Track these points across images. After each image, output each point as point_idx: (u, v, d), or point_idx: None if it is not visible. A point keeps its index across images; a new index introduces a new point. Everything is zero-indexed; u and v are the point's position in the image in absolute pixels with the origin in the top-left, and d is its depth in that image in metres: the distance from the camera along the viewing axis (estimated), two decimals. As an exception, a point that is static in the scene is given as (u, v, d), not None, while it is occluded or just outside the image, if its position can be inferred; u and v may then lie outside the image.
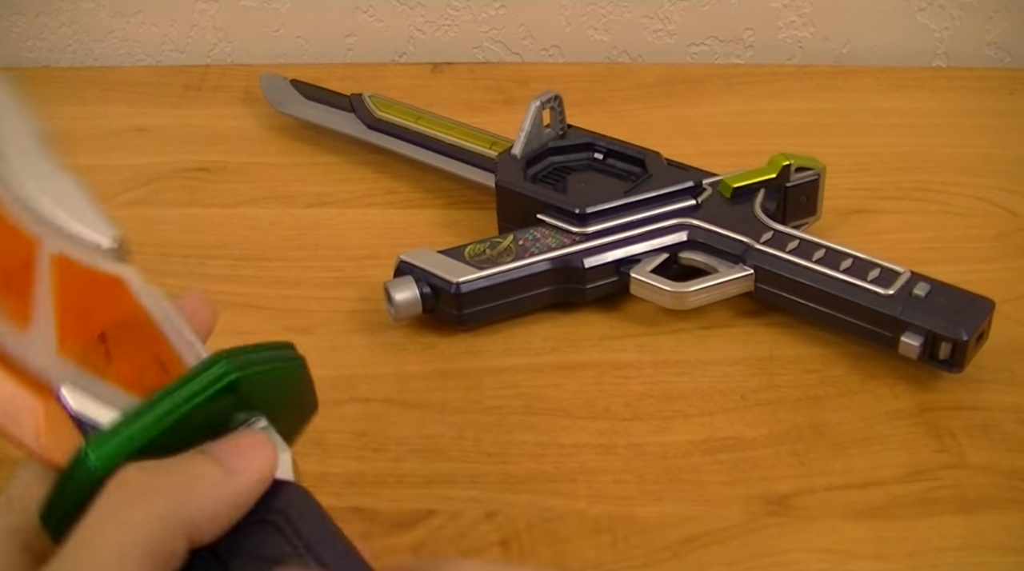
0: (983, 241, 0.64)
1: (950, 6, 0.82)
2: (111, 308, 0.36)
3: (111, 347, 0.35)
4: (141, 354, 0.35)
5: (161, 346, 0.35)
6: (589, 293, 0.59)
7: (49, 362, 0.34)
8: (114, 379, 0.35)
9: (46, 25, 0.87)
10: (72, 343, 0.35)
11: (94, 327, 0.35)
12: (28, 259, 0.35)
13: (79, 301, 0.35)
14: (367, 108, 0.72)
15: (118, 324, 0.35)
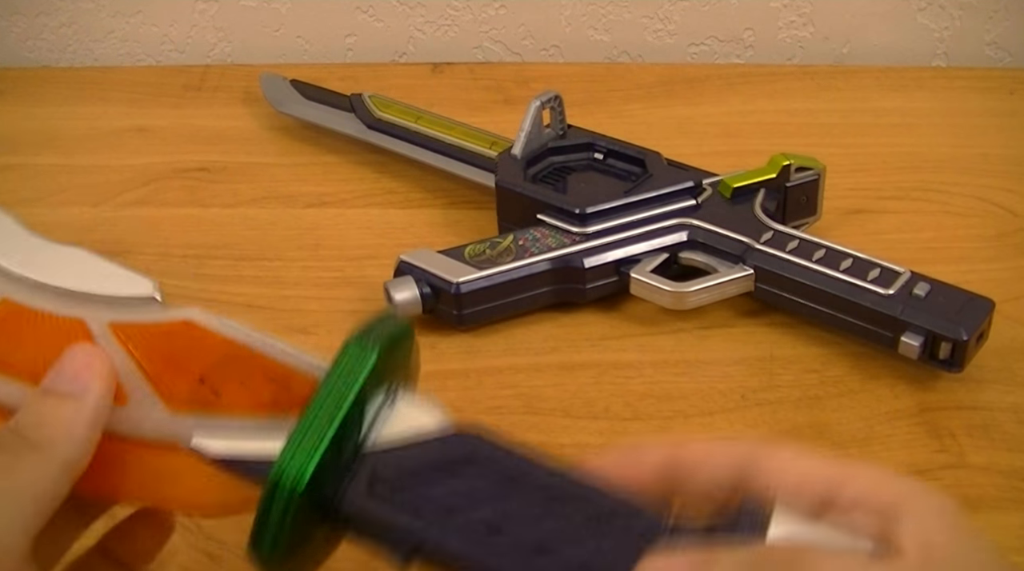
0: (983, 241, 0.64)
1: (950, 6, 0.82)
2: (195, 351, 0.35)
3: (216, 385, 0.35)
4: (249, 380, 0.35)
5: (264, 365, 0.35)
6: (589, 293, 0.59)
7: (165, 423, 0.34)
8: (235, 413, 0.35)
9: (46, 25, 0.87)
10: (177, 397, 0.34)
11: (190, 374, 0.35)
12: (82, 339, 0.35)
13: (160, 357, 0.35)
14: (367, 108, 0.72)
15: (211, 363, 0.35)
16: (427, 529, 0.33)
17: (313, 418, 0.32)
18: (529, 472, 0.34)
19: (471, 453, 0.34)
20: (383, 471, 0.33)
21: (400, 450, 0.34)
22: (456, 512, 0.33)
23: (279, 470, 0.32)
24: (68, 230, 0.67)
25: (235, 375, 0.35)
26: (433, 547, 0.33)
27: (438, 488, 0.33)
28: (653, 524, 0.32)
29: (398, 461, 0.34)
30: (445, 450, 0.34)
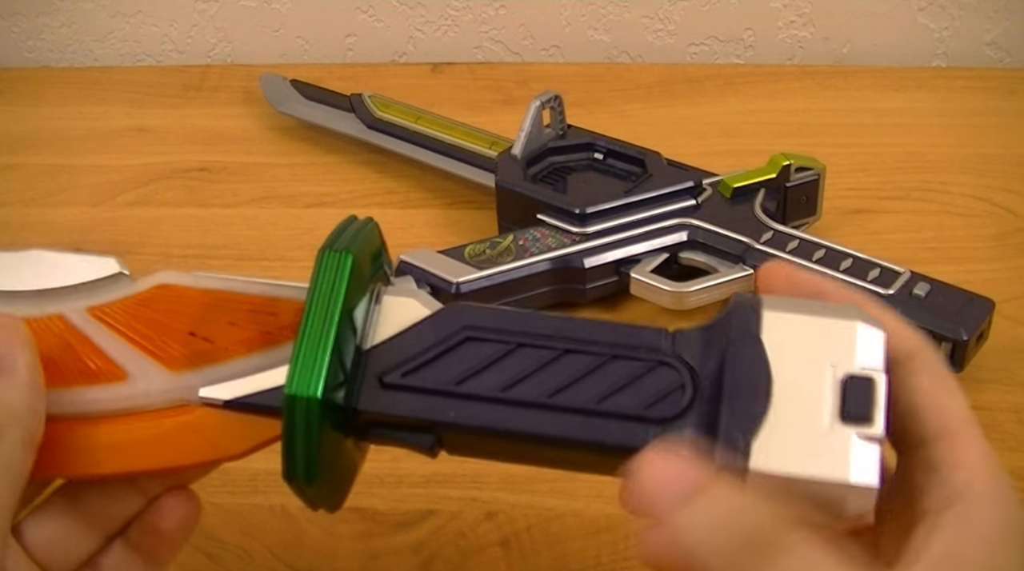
0: (983, 241, 0.64)
1: (950, 6, 0.82)
2: (177, 309, 0.36)
3: (206, 334, 0.35)
4: (237, 319, 0.35)
5: (246, 302, 0.36)
6: (589, 293, 0.59)
7: (170, 384, 0.35)
8: (233, 354, 0.35)
9: (46, 25, 0.87)
10: (174, 357, 0.35)
11: (179, 332, 0.35)
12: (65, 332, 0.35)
13: (146, 325, 0.35)
14: (367, 108, 0.72)
15: (195, 315, 0.36)
16: (446, 406, 0.33)
17: (309, 333, 0.32)
18: (528, 327, 0.34)
19: (466, 324, 0.34)
20: (388, 364, 0.34)
21: (398, 339, 0.34)
22: (468, 382, 0.33)
23: (291, 388, 0.32)
24: (68, 230, 0.67)
25: (222, 319, 0.35)
26: (457, 423, 0.33)
27: (445, 365, 0.33)
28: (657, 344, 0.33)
29: (399, 350, 0.34)
30: (441, 328, 0.34)
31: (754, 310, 0.32)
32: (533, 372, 0.33)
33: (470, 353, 0.33)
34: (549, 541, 0.47)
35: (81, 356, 0.35)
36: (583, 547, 0.47)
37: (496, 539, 0.47)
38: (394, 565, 0.47)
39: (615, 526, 0.48)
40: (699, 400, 0.32)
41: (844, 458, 0.30)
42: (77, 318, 0.36)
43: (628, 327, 0.33)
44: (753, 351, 0.31)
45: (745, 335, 0.31)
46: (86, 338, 0.35)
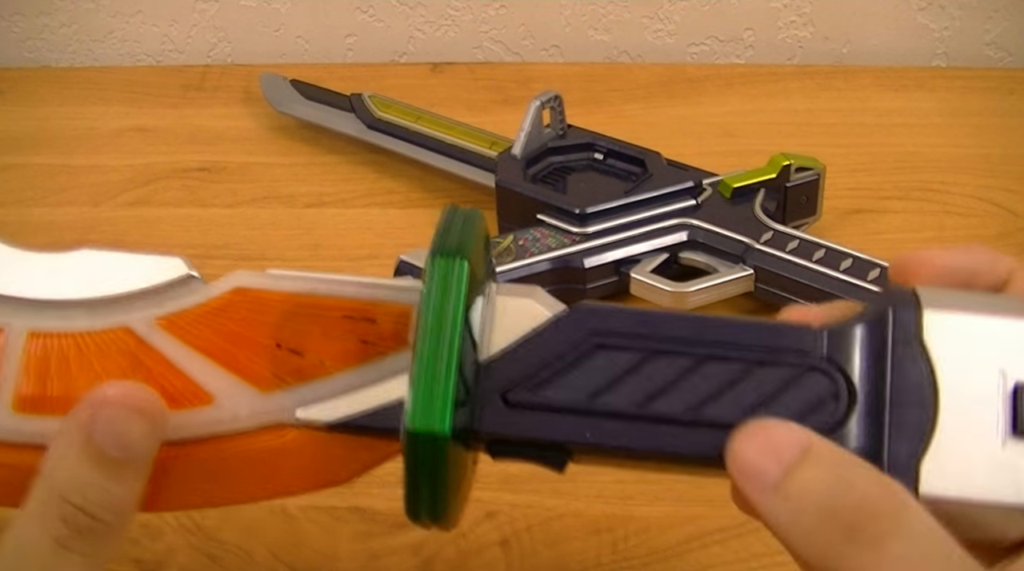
0: (983, 241, 0.64)
1: (950, 6, 0.82)
2: (258, 318, 0.32)
3: (295, 345, 0.31)
4: (329, 327, 0.31)
5: (338, 307, 0.32)
6: (589, 293, 0.59)
7: (261, 406, 0.31)
8: (329, 368, 0.31)
9: (46, 25, 0.87)
10: (262, 374, 0.31)
11: (264, 344, 0.31)
12: (136, 348, 0.31)
13: (225, 338, 0.31)
14: (367, 108, 0.72)
15: (280, 324, 0.32)
16: (580, 426, 0.30)
17: (426, 356, 0.29)
18: (661, 329, 0.30)
19: (594, 329, 0.30)
20: (511, 378, 0.30)
21: (520, 349, 0.30)
22: (602, 397, 0.30)
23: (414, 423, 0.28)
24: (68, 230, 0.67)
25: (311, 328, 0.31)
26: (593, 443, 0.30)
27: (575, 377, 0.30)
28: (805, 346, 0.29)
29: (522, 361, 0.30)
30: (566, 335, 0.30)
31: (914, 307, 0.29)
32: (671, 384, 0.30)
33: (601, 364, 0.30)
34: (549, 541, 0.47)
35: (158, 377, 0.31)
36: (583, 547, 0.47)
37: (496, 539, 0.47)
38: (394, 565, 0.46)
39: (615, 526, 0.48)
40: (856, 411, 0.29)
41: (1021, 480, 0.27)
42: (146, 331, 0.31)
43: (772, 326, 0.30)
44: (917, 357, 0.28)
45: (907, 338, 0.28)
46: (160, 355, 0.31)
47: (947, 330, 0.28)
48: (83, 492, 0.30)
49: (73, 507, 0.29)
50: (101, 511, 0.30)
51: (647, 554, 0.46)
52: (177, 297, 0.32)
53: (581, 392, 0.30)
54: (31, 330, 0.32)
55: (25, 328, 0.31)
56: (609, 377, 0.30)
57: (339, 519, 0.48)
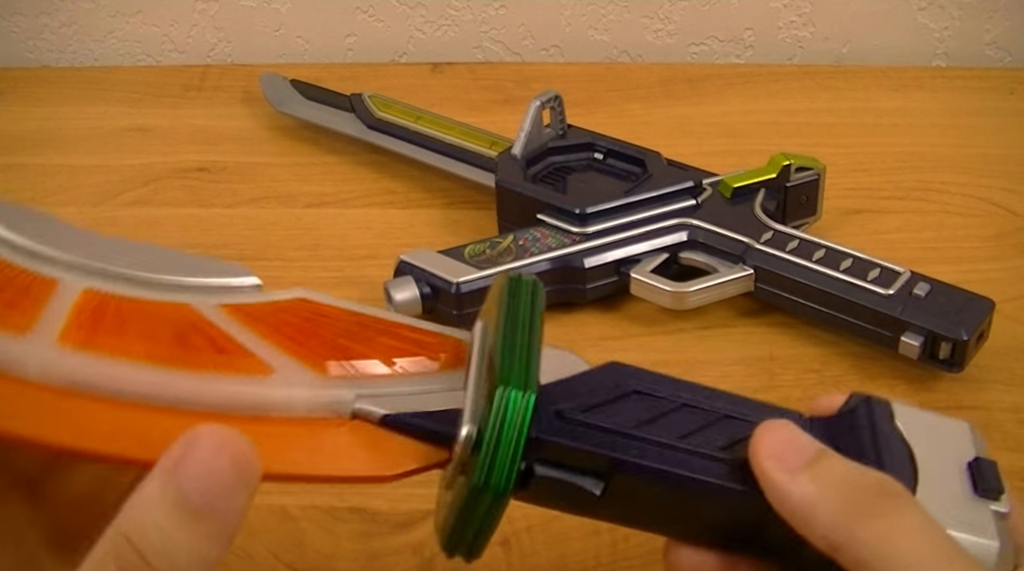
0: (983, 241, 0.64)
1: (950, 6, 0.82)
2: (322, 321, 0.32)
3: (361, 346, 0.32)
4: (396, 338, 0.33)
5: (398, 331, 0.33)
6: (589, 293, 0.59)
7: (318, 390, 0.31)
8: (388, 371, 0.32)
9: (46, 25, 0.87)
10: (322, 362, 0.31)
11: (328, 340, 0.32)
12: (196, 320, 0.31)
13: (288, 328, 0.31)
14: (367, 108, 0.72)
15: (347, 330, 0.32)
16: (627, 445, 0.32)
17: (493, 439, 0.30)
18: (686, 392, 0.35)
19: (632, 380, 0.34)
20: (563, 401, 0.32)
21: (568, 383, 0.33)
22: (644, 427, 0.33)
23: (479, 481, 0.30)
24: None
25: (375, 335, 0.32)
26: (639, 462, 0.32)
27: (619, 409, 0.33)
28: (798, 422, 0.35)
29: (570, 392, 0.33)
30: (607, 379, 0.34)
31: (885, 404, 0.35)
32: (700, 428, 0.34)
33: (640, 405, 0.34)
34: (549, 541, 0.47)
35: (217, 342, 0.30)
36: (583, 547, 0.47)
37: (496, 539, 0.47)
38: (394, 565, 0.46)
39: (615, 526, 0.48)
40: None
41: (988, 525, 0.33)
42: (208, 310, 0.31)
43: (768, 407, 0.36)
44: (896, 435, 0.34)
45: (887, 421, 0.35)
46: (220, 329, 0.30)
47: (911, 420, 0.35)
48: (146, 535, 0.27)
49: (132, 550, 0.26)
50: (159, 560, 0.26)
51: (647, 554, 0.46)
52: (242, 295, 0.32)
53: (626, 421, 0.33)
54: (87, 288, 0.30)
55: (81, 285, 0.30)
56: (649, 414, 0.33)
57: (339, 519, 0.48)
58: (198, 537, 0.27)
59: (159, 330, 0.30)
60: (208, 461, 0.27)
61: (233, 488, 0.27)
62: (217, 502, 0.27)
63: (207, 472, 0.27)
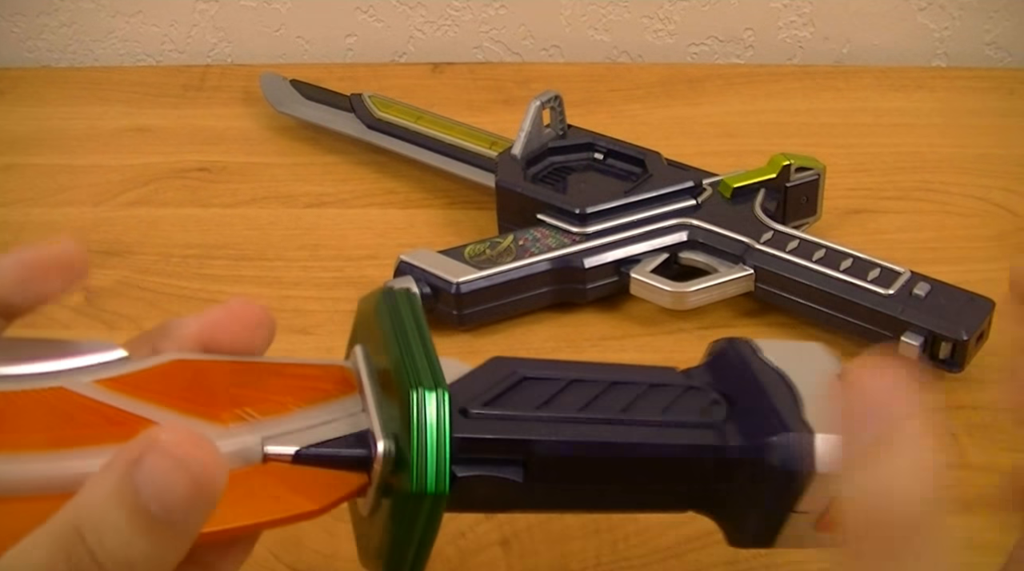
0: (983, 241, 0.64)
1: (950, 6, 0.82)
2: (205, 377, 0.32)
3: (250, 390, 0.32)
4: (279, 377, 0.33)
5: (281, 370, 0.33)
6: (589, 293, 0.59)
7: (224, 439, 0.30)
8: (287, 406, 0.32)
9: (46, 25, 0.87)
10: (219, 413, 0.31)
11: (217, 390, 0.31)
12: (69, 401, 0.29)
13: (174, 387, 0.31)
14: (367, 108, 0.72)
15: (230, 375, 0.32)
16: (535, 426, 0.33)
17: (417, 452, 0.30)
18: (569, 369, 0.36)
19: (519, 368, 0.35)
20: (463, 402, 0.33)
21: (461, 384, 0.34)
22: (544, 407, 0.34)
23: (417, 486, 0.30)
24: (68, 230, 0.67)
25: (262, 377, 0.32)
26: (550, 439, 0.33)
27: (515, 397, 0.34)
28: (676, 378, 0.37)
29: (465, 391, 0.34)
30: (493, 374, 0.35)
31: (747, 341, 0.38)
32: (594, 398, 0.35)
33: (532, 389, 0.35)
34: (549, 541, 0.47)
35: (106, 415, 0.29)
36: (583, 547, 0.47)
37: (496, 539, 0.47)
38: (394, 565, 0.46)
39: (615, 526, 0.48)
40: (735, 411, 0.36)
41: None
42: (86, 389, 0.29)
43: (645, 368, 0.37)
44: (768, 365, 0.36)
45: (754, 355, 0.37)
46: (105, 403, 0.29)
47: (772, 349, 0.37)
48: (101, 534, 0.26)
49: (85, 547, 0.26)
50: (113, 565, 0.26)
51: (647, 554, 0.46)
52: (112, 369, 0.31)
53: (527, 406, 0.34)
54: None
55: None
56: (545, 395, 0.35)
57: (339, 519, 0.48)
58: (157, 545, 0.26)
59: (41, 417, 0.29)
60: (167, 474, 0.26)
61: (193, 506, 0.26)
62: (175, 515, 0.26)
63: (166, 486, 0.26)
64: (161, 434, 0.26)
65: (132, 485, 0.26)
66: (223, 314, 0.34)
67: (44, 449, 0.28)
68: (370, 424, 0.32)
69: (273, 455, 0.30)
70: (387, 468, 0.31)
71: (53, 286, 0.33)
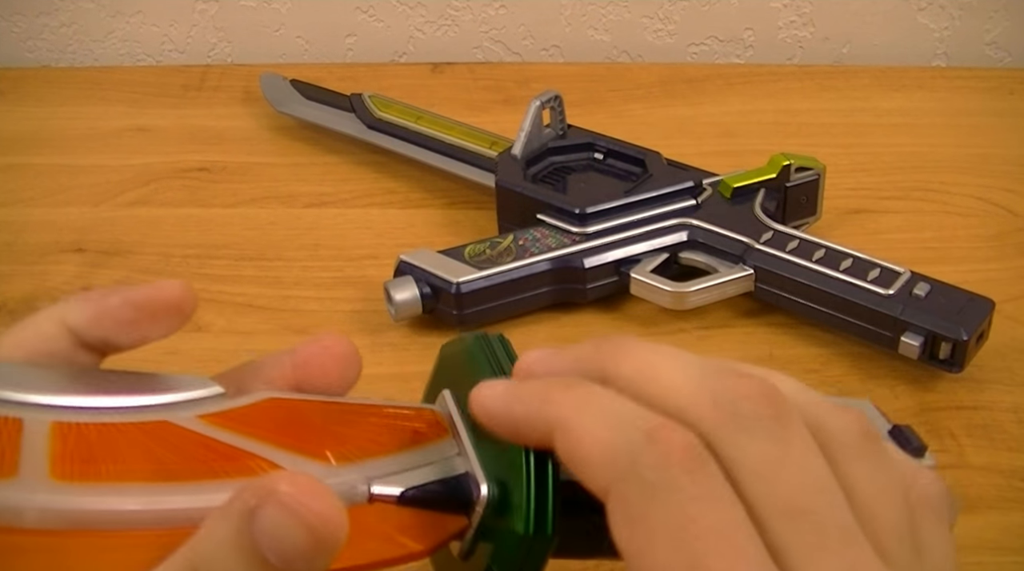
0: (983, 241, 0.64)
1: (950, 6, 0.82)
2: (303, 413, 0.32)
3: (350, 428, 0.32)
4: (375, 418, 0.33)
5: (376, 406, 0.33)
6: (589, 293, 0.59)
7: (333, 478, 0.30)
8: (387, 448, 0.32)
9: (46, 25, 0.87)
10: (322, 452, 0.30)
11: (317, 428, 0.31)
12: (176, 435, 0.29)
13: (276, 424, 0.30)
14: (367, 108, 0.72)
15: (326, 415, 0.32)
16: None
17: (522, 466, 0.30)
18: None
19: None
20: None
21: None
22: None
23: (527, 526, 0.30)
24: (68, 230, 0.67)
25: (359, 417, 0.32)
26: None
27: None
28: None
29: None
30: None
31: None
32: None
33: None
34: (549, 541, 0.47)
35: (216, 449, 0.29)
36: (583, 547, 0.47)
37: (496, 539, 0.47)
38: (394, 565, 0.46)
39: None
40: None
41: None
42: (191, 424, 0.29)
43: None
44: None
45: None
46: (212, 438, 0.29)
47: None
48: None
49: None
50: None
51: (647, 554, 0.46)
52: (212, 404, 0.30)
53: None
54: (55, 421, 0.28)
55: (48, 420, 0.28)
56: None
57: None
58: None
59: (152, 449, 0.28)
60: (287, 527, 0.25)
61: (313, 558, 0.26)
62: (295, 566, 0.26)
63: (286, 539, 0.25)
64: (280, 484, 0.26)
65: (250, 534, 0.25)
66: (314, 350, 0.33)
67: (152, 481, 0.28)
68: (469, 467, 0.32)
69: (379, 496, 0.30)
70: (488, 511, 0.31)
71: (161, 329, 0.33)
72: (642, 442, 0.28)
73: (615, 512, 0.28)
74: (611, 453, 0.28)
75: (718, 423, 0.28)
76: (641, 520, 0.27)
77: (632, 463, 0.27)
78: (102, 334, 0.32)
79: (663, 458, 0.27)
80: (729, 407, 0.28)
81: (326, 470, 0.30)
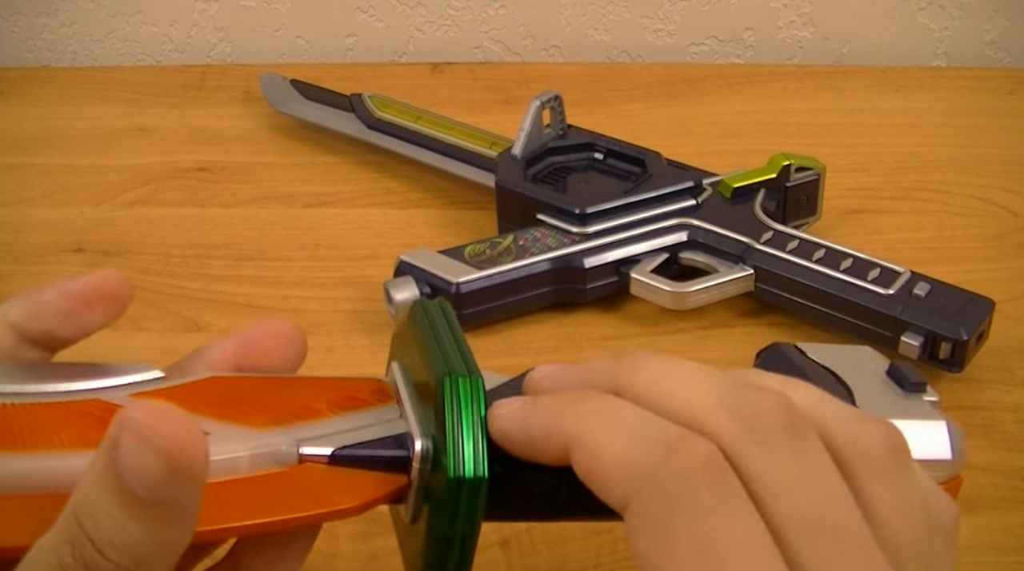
0: (983, 241, 0.64)
1: (950, 6, 0.82)
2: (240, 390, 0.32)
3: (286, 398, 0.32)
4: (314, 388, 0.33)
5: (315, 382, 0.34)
6: (589, 293, 0.59)
7: (257, 441, 0.30)
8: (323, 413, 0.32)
9: (46, 25, 0.87)
10: (254, 418, 0.31)
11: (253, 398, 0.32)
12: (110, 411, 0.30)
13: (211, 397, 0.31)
14: (367, 108, 0.72)
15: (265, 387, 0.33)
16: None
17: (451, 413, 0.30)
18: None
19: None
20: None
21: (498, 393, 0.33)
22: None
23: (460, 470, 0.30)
24: (68, 230, 0.67)
25: (298, 388, 0.33)
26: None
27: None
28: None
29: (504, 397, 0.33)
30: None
31: (793, 345, 0.39)
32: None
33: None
34: (549, 541, 0.47)
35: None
36: (583, 547, 0.47)
37: (496, 539, 0.47)
38: (394, 565, 0.46)
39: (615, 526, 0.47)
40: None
41: (929, 410, 0.36)
42: (122, 400, 0.30)
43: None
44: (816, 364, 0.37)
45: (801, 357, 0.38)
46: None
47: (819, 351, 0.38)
48: (97, 521, 0.26)
49: (84, 535, 0.26)
50: (112, 550, 0.26)
51: (647, 554, 0.46)
52: (151, 386, 0.31)
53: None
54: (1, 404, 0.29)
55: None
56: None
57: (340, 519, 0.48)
58: (153, 526, 0.26)
59: (78, 423, 0.29)
60: (139, 455, 0.25)
61: (172, 481, 0.26)
62: (162, 494, 0.26)
63: (140, 467, 0.25)
64: (130, 411, 0.26)
65: (114, 469, 0.26)
66: (255, 333, 0.34)
67: (73, 449, 0.29)
68: (408, 427, 0.32)
69: (308, 456, 0.30)
70: (426, 467, 0.31)
71: (98, 317, 0.34)
72: (662, 453, 0.28)
73: (634, 524, 0.28)
74: (630, 464, 0.28)
75: (736, 437, 0.28)
76: (662, 532, 0.27)
77: (651, 474, 0.27)
78: (43, 327, 0.33)
79: (685, 469, 0.27)
80: (747, 421, 0.28)
81: (253, 433, 0.30)
